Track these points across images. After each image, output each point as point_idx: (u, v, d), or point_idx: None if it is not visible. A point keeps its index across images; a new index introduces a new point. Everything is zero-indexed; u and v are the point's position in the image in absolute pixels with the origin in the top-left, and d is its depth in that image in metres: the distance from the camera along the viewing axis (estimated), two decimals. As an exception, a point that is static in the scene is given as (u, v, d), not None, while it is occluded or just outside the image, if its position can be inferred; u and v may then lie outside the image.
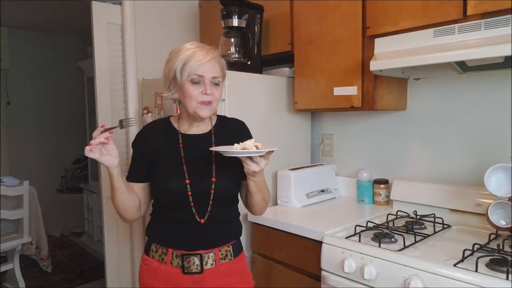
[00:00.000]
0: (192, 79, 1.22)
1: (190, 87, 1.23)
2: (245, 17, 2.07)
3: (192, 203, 1.26)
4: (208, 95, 1.23)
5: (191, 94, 1.23)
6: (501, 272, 1.15)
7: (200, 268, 1.26)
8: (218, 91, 1.27)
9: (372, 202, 2.04)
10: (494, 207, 1.44)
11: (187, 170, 1.28)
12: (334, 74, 1.87)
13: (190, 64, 1.21)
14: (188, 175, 1.27)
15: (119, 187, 1.23)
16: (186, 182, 1.26)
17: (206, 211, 1.27)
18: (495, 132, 1.68)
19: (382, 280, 1.33)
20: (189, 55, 1.22)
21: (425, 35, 1.55)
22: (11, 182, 2.91)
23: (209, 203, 1.27)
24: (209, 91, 1.23)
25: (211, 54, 1.24)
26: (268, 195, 1.37)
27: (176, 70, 1.23)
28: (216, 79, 1.25)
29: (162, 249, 1.30)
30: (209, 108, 1.25)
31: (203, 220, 1.27)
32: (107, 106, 2.37)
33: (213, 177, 1.28)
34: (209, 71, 1.23)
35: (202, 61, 1.21)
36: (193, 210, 1.26)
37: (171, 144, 1.31)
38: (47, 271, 3.29)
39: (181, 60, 1.22)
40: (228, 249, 1.32)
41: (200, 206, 1.27)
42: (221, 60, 1.30)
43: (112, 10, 2.36)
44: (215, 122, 1.39)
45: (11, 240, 2.84)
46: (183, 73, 1.22)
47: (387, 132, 2.07)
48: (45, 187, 4.57)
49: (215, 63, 1.25)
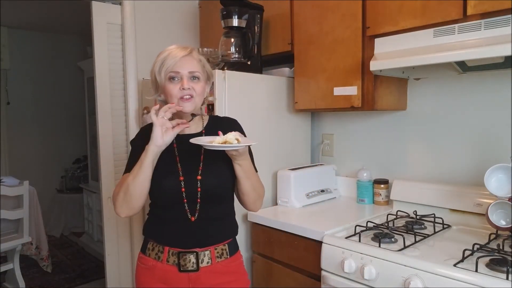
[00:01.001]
0: (170, 76, 1.27)
1: (169, 85, 1.27)
2: (245, 17, 2.07)
3: (185, 199, 1.27)
4: (186, 90, 1.26)
5: (171, 91, 1.27)
6: (501, 272, 1.15)
7: (196, 266, 1.27)
8: (198, 86, 1.29)
9: (372, 202, 2.04)
10: (494, 207, 1.44)
11: (181, 168, 1.30)
12: (334, 74, 1.87)
13: (166, 63, 1.26)
14: (182, 173, 1.29)
15: (147, 168, 1.22)
16: (180, 179, 1.28)
17: (195, 209, 1.28)
18: (495, 132, 1.68)
19: (382, 280, 1.33)
20: (165, 55, 1.28)
21: (425, 35, 1.55)
22: (11, 182, 2.91)
23: (197, 201, 1.28)
24: (186, 86, 1.26)
25: (185, 51, 1.28)
26: (259, 186, 1.37)
27: (156, 72, 1.29)
28: (193, 73, 1.28)
29: (159, 247, 1.32)
30: (190, 102, 1.28)
31: (193, 218, 1.28)
32: (107, 106, 2.37)
33: (199, 175, 1.29)
34: (184, 67, 1.26)
35: (176, 58, 1.26)
36: (186, 207, 1.27)
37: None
38: (47, 271, 3.30)
39: (159, 62, 1.28)
40: (224, 247, 1.33)
41: (191, 204, 1.28)
42: (200, 57, 1.32)
43: (112, 10, 2.36)
44: (207, 122, 1.41)
45: (11, 240, 2.83)
46: (161, 73, 1.28)
47: (387, 132, 2.07)
48: (45, 187, 4.57)
49: (191, 59, 1.29)
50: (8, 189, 2.77)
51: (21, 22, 4.46)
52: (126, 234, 2.48)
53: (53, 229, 4.66)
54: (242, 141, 1.19)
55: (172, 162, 1.31)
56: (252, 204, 1.39)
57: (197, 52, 1.33)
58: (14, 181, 2.96)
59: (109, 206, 2.41)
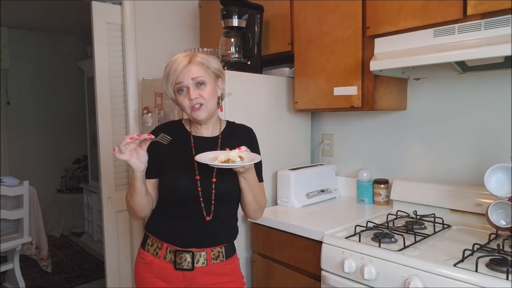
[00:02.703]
0: (177, 89, 1.29)
1: (179, 97, 1.30)
2: (245, 17, 2.07)
3: (201, 198, 1.29)
4: (193, 100, 1.27)
5: (182, 103, 1.30)
6: (501, 272, 1.15)
7: (191, 265, 1.29)
8: (205, 91, 1.29)
9: (372, 202, 2.04)
10: (494, 207, 1.44)
11: (198, 168, 1.31)
12: (334, 74, 1.87)
13: (170, 77, 1.29)
14: (198, 172, 1.30)
15: (140, 189, 1.25)
16: (196, 178, 1.29)
17: (210, 209, 1.30)
18: (495, 132, 1.68)
19: (382, 280, 1.33)
20: (168, 70, 1.29)
21: (425, 35, 1.55)
22: (11, 182, 2.91)
23: (212, 202, 1.30)
24: (192, 96, 1.27)
25: (187, 59, 1.28)
26: (262, 199, 1.40)
27: (165, 87, 1.32)
28: (197, 79, 1.28)
29: (158, 243, 1.33)
30: (200, 111, 1.29)
31: (208, 217, 1.30)
32: (107, 106, 2.37)
33: (214, 177, 1.31)
34: (186, 76, 1.27)
35: (177, 70, 1.27)
36: (202, 205, 1.29)
37: (182, 144, 1.35)
38: (47, 271, 3.30)
39: (165, 77, 1.31)
40: (220, 250, 1.35)
41: (206, 204, 1.30)
42: (202, 59, 1.30)
43: (112, 10, 2.36)
44: (224, 127, 1.42)
45: (11, 240, 2.83)
46: (168, 88, 1.31)
47: (387, 132, 2.07)
48: (45, 187, 4.57)
49: (193, 65, 1.28)
50: (8, 189, 2.77)
51: (21, 22, 4.46)
52: (126, 234, 2.48)
53: (53, 229, 4.67)
54: (246, 157, 1.20)
55: (189, 161, 1.32)
56: (253, 213, 1.42)
57: (198, 54, 1.32)
58: (14, 181, 2.96)
59: (109, 206, 2.41)
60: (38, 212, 3.11)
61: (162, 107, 2.15)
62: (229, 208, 1.39)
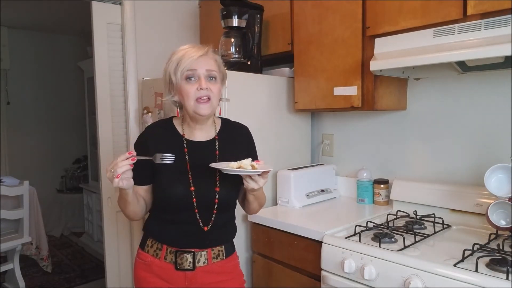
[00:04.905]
0: (186, 76, 1.23)
1: (186, 85, 1.24)
2: (245, 17, 2.07)
3: (197, 209, 1.26)
4: (204, 90, 1.23)
5: (188, 91, 1.23)
6: (501, 272, 1.15)
7: (192, 265, 1.28)
8: (215, 87, 1.26)
9: (372, 202, 2.04)
10: (494, 207, 1.44)
11: (192, 176, 1.27)
12: (334, 74, 1.87)
13: (182, 62, 1.23)
14: (193, 182, 1.27)
15: (132, 201, 1.24)
16: (191, 189, 1.26)
17: (209, 218, 1.28)
18: (495, 132, 1.68)
19: (382, 280, 1.33)
20: (181, 55, 1.24)
21: (425, 35, 1.55)
22: (11, 182, 2.91)
23: (213, 212, 1.28)
24: (204, 86, 1.22)
25: (202, 50, 1.25)
26: (264, 200, 1.42)
27: (171, 72, 1.25)
28: (210, 72, 1.25)
29: (157, 244, 1.32)
30: (207, 105, 1.24)
31: (206, 227, 1.28)
32: (107, 106, 2.37)
33: (217, 186, 1.28)
34: (201, 65, 1.24)
35: (193, 57, 1.23)
36: (197, 216, 1.27)
37: (175, 149, 1.29)
38: (47, 271, 3.29)
39: (174, 61, 1.24)
40: (220, 248, 1.34)
41: (204, 213, 1.28)
42: (216, 56, 1.30)
43: (112, 10, 2.36)
44: (219, 127, 1.38)
45: (11, 240, 2.83)
46: (177, 72, 1.24)
47: (387, 132, 2.07)
48: (45, 187, 4.56)
49: (208, 58, 1.26)
50: (8, 189, 2.77)
51: (21, 22, 4.46)
52: (126, 234, 2.48)
53: (53, 229, 4.66)
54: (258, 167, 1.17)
55: (182, 169, 1.28)
56: (254, 213, 1.45)
57: (213, 52, 1.30)
58: (14, 181, 2.96)
59: (109, 206, 2.41)
60: (38, 212, 3.11)
61: (162, 107, 2.15)
62: (229, 212, 1.39)
